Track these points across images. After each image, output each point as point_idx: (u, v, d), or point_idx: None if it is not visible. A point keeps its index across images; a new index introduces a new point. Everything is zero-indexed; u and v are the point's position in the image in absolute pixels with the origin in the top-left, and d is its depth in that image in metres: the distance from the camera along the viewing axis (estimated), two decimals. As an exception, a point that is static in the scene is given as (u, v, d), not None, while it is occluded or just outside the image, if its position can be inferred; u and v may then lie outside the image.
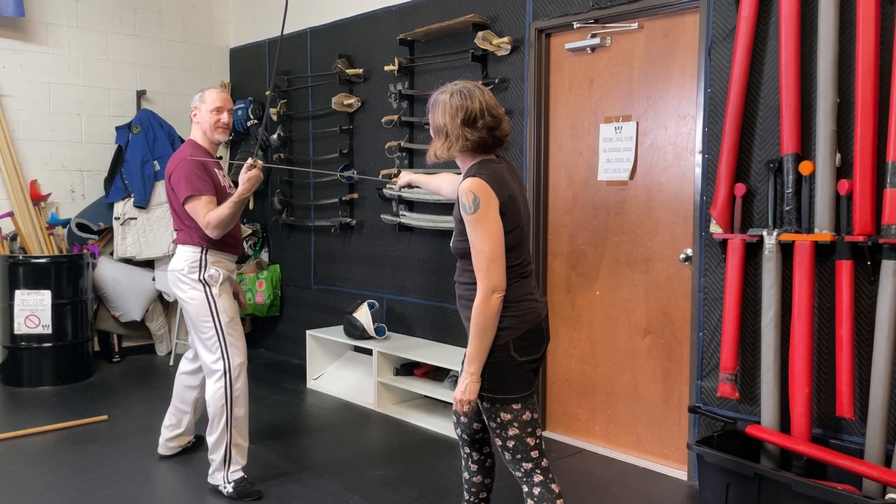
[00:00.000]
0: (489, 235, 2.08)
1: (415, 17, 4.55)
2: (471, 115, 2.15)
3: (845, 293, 2.72)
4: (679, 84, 3.39)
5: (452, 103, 2.17)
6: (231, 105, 3.30)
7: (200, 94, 3.28)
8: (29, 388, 4.83)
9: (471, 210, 2.08)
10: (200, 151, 3.20)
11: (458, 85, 2.21)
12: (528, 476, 2.21)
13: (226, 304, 3.18)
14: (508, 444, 2.19)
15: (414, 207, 4.63)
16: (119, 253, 5.42)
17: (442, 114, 2.18)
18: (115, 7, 5.68)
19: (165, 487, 3.25)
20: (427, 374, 4.43)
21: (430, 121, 2.25)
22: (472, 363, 2.12)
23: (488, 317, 2.09)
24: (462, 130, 2.15)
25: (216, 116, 3.21)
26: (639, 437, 3.62)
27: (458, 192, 2.12)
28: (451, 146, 2.18)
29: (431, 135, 2.28)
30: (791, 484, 2.53)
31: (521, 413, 2.17)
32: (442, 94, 2.22)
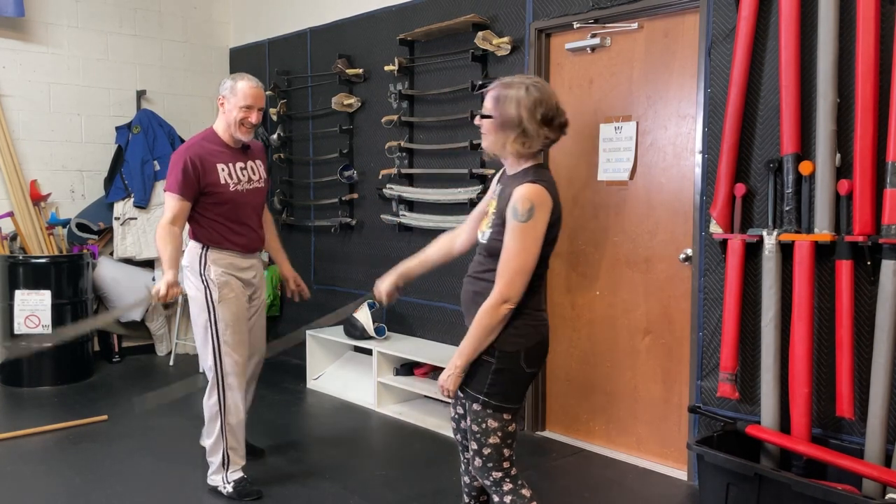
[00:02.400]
0: (528, 248, 2.03)
1: (415, 17, 4.55)
2: (549, 112, 2.06)
3: (845, 293, 2.72)
4: (679, 84, 3.39)
5: (530, 97, 2.05)
6: (262, 102, 3.08)
7: (232, 83, 3.04)
8: (29, 388, 4.83)
9: (522, 218, 2.01)
10: (214, 142, 3.07)
11: (527, 79, 2.09)
12: (498, 485, 2.17)
13: (226, 312, 3.04)
14: (484, 452, 2.15)
15: (414, 207, 4.63)
16: (119, 253, 5.42)
17: (517, 107, 2.04)
18: (115, 7, 5.68)
19: (165, 487, 3.25)
20: (427, 374, 4.43)
21: (493, 113, 2.09)
22: (461, 357, 2.10)
23: (493, 322, 2.06)
24: (541, 129, 2.06)
25: (244, 114, 3.02)
26: (639, 437, 3.62)
27: (513, 194, 2.04)
28: (529, 144, 2.07)
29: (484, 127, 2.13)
30: (791, 484, 2.53)
31: (508, 424, 2.15)
32: (513, 87, 2.07)
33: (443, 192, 4.36)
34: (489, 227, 2.15)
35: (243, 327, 3.13)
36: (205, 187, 3.01)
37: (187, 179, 2.97)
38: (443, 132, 4.43)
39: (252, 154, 3.21)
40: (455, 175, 4.33)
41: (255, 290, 3.25)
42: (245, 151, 3.16)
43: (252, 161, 3.18)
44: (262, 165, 3.24)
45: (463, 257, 4.27)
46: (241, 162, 3.12)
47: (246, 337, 3.15)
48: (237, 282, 3.12)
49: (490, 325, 2.06)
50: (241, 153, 3.13)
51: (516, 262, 2.03)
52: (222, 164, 3.05)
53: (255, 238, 3.19)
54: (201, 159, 3.00)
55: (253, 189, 3.14)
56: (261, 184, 3.18)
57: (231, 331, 3.06)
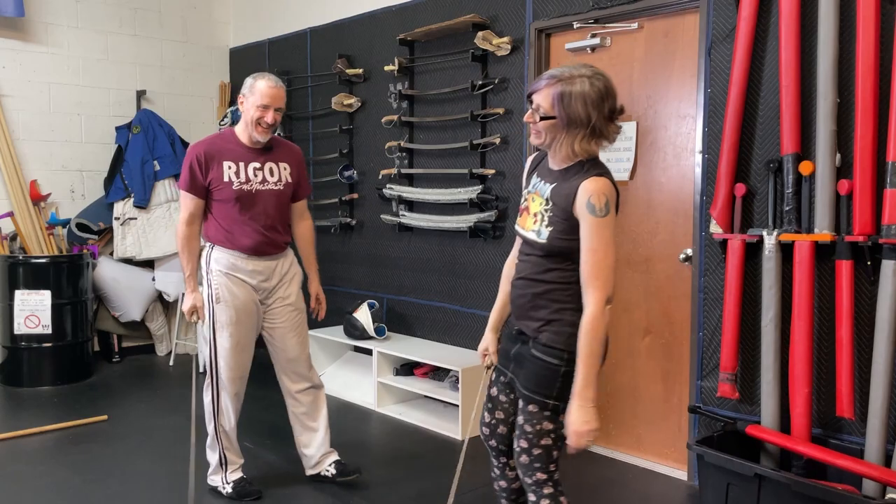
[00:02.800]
0: (611, 242, 1.92)
1: (415, 17, 4.55)
2: (612, 106, 1.95)
3: (845, 293, 2.72)
4: (679, 84, 3.39)
5: (595, 90, 1.92)
6: (281, 103, 2.96)
7: (252, 81, 2.96)
8: (29, 388, 4.83)
9: (601, 213, 1.91)
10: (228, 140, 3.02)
11: (585, 69, 1.94)
12: (539, 486, 2.10)
13: (222, 314, 2.99)
14: (534, 452, 2.06)
15: (414, 207, 4.63)
16: (119, 253, 5.42)
17: (584, 105, 1.90)
18: (115, 7, 5.68)
19: (165, 487, 3.24)
20: (427, 374, 4.43)
21: (555, 113, 1.94)
22: (589, 387, 1.92)
23: (604, 329, 1.93)
24: (609, 124, 1.95)
25: (260, 113, 2.92)
26: (639, 437, 3.62)
27: (581, 189, 1.93)
28: (600, 143, 1.98)
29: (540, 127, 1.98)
30: (791, 484, 2.53)
31: (563, 427, 2.05)
32: (574, 82, 1.92)
33: (443, 192, 4.36)
34: (546, 226, 2.02)
35: (242, 332, 3.03)
36: (209, 183, 2.97)
37: (193, 175, 2.96)
38: (443, 132, 4.43)
39: (276, 156, 3.08)
40: (455, 175, 4.33)
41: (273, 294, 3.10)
42: (267, 152, 3.05)
43: (274, 163, 3.06)
44: (290, 169, 3.10)
45: (463, 257, 4.26)
46: (257, 162, 3.02)
47: (246, 342, 3.05)
48: (241, 284, 3.02)
49: (602, 335, 1.94)
50: (258, 153, 3.03)
51: (606, 259, 1.92)
52: (230, 162, 2.98)
53: (266, 241, 3.03)
54: (207, 155, 2.97)
55: (268, 191, 3.02)
56: (279, 186, 3.04)
57: (227, 333, 3.00)
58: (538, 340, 2.04)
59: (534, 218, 2.06)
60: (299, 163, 3.17)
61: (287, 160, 3.11)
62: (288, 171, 3.09)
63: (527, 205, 2.12)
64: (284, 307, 3.13)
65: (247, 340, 3.07)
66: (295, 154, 3.18)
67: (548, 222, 2.01)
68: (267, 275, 3.06)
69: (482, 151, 4.18)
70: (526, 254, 2.12)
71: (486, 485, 3.32)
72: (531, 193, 2.12)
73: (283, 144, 3.17)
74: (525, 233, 2.09)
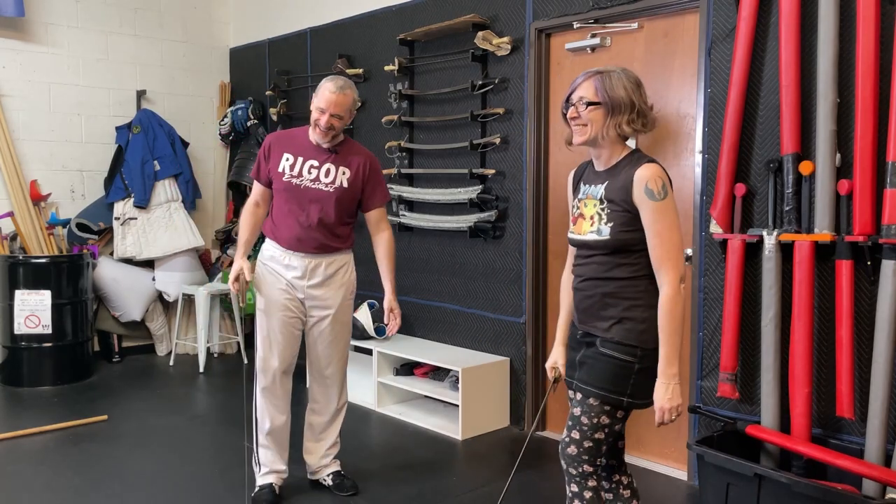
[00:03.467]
0: (676, 224, 1.97)
1: (415, 17, 4.55)
2: (643, 97, 2.03)
3: (845, 293, 2.71)
4: (679, 84, 3.39)
5: (631, 76, 2.01)
6: (342, 110, 2.90)
7: (322, 82, 2.95)
8: (29, 388, 4.83)
9: (660, 196, 1.95)
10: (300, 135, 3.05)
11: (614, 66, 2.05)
12: (584, 478, 2.10)
13: (260, 302, 3.01)
14: (585, 444, 2.07)
15: (414, 207, 4.63)
16: (119, 253, 5.42)
17: (623, 88, 1.99)
18: (115, 7, 5.68)
19: (165, 487, 3.24)
20: (427, 374, 4.43)
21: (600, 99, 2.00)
22: (672, 365, 1.97)
23: (681, 309, 1.97)
24: (648, 109, 2.02)
25: (316, 116, 2.92)
26: (639, 437, 3.62)
27: (636, 178, 1.97)
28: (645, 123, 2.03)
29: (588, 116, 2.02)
30: (791, 484, 2.53)
31: (618, 423, 2.07)
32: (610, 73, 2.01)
33: (443, 192, 4.36)
34: (606, 223, 2.04)
35: (272, 324, 3.00)
36: (269, 171, 3.03)
37: (259, 162, 3.05)
38: (443, 132, 4.43)
39: (340, 159, 3.00)
40: (455, 175, 4.33)
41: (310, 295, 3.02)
42: (332, 153, 3.00)
43: (335, 165, 2.99)
44: (349, 174, 2.99)
45: (463, 257, 4.26)
46: (317, 160, 2.98)
47: (274, 336, 3.00)
48: (275, 276, 3.01)
49: (680, 314, 1.97)
50: (322, 153, 2.98)
51: (674, 241, 1.96)
52: (289, 154, 2.99)
53: (306, 238, 2.96)
54: (274, 144, 3.03)
55: (317, 190, 2.96)
56: (330, 189, 2.96)
57: (260, 323, 3.02)
58: (609, 339, 2.04)
59: (590, 221, 2.08)
60: (366, 170, 3.05)
61: (350, 165, 3.01)
62: (347, 176, 2.99)
63: (580, 211, 2.14)
64: (320, 312, 3.05)
65: (276, 335, 3.01)
66: (362, 161, 3.06)
67: (607, 219, 2.04)
68: (303, 271, 2.99)
69: (482, 151, 4.18)
70: (587, 256, 2.12)
71: (487, 485, 3.33)
72: (582, 200, 2.14)
73: (355, 150, 3.08)
74: (583, 237, 2.10)
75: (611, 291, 2.06)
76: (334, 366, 3.14)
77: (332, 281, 3.05)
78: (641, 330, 2.02)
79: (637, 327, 2.03)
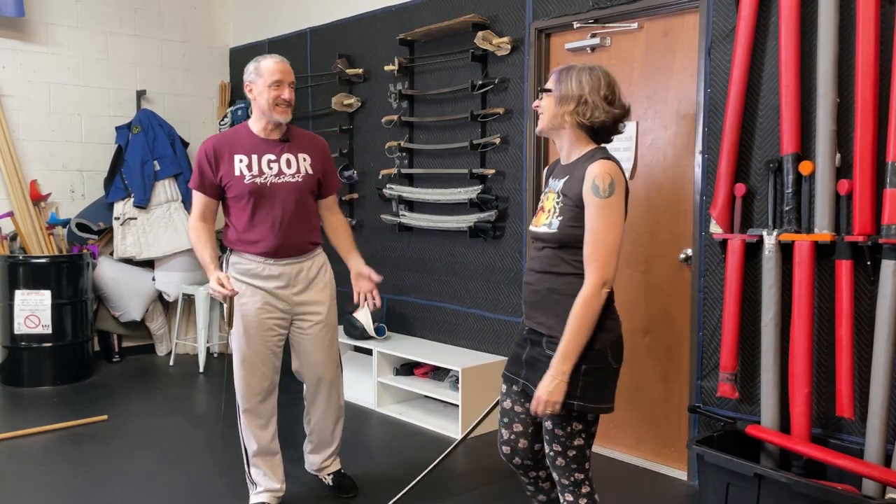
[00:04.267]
0: (616, 224, 1.95)
1: (415, 17, 4.55)
2: (611, 94, 2.04)
3: (845, 293, 2.71)
4: (679, 84, 3.39)
5: (594, 76, 2.04)
6: (293, 76, 2.76)
7: (255, 65, 2.77)
8: (29, 388, 4.83)
9: (605, 194, 1.94)
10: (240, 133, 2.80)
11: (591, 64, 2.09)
12: (577, 486, 2.08)
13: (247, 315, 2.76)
14: (569, 454, 2.06)
15: (414, 207, 4.63)
16: (119, 253, 5.42)
17: (578, 84, 2.02)
18: (115, 7, 5.68)
19: (165, 488, 3.25)
20: (427, 374, 4.43)
21: (553, 88, 2.07)
22: (566, 361, 1.95)
23: (595, 312, 1.95)
24: (603, 103, 2.02)
25: (275, 92, 2.69)
26: (639, 437, 3.62)
27: (587, 173, 1.97)
28: (588, 115, 2.02)
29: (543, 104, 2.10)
30: (791, 484, 2.53)
31: (593, 425, 2.07)
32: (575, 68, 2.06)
33: (443, 192, 4.36)
34: (557, 216, 2.05)
35: (252, 347, 2.79)
36: (220, 179, 2.75)
37: (202, 172, 2.76)
38: (443, 132, 4.43)
39: (295, 147, 2.81)
40: (455, 175, 4.33)
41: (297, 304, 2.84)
42: (283, 143, 2.79)
43: (292, 154, 2.79)
44: (310, 160, 2.82)
45: (463, 257, 4.27)
46: (272, 154, 2.76)
47: (255, 359, 2.81)
48: (255, 293, 2.77)
49: (593, 316, 1.95)
50: (275, 145, 2.77)
51: (608, 241, 1.94)
52: (241, 155, 2.74)
53: (285, 242, 2.75)
54: (217, 150, 2.75)
55: (284, 184, 2.74)
56: (298, 178, 2.76)
57: (236, 347, 2.79)
58: (554, 339, 2.02)
59: (547, 214, 2.10)
60: (323, 154, 2.89)
61: (307, 151, 2.83)
62: (308, 163, 2.82)
63: (542, 204, 2.15)
64: (310, 319, 2.89)
65: (257, 357, 2.81)
66: (317, 144, 2.89)
67: (559, 213, 2.05)
68: (287, 280, 2.80)
69: (482, 151, 4.18)
70: (539, 249, 2.13)
71: (486, 485, 3.32)
72: (545, 193, 2.16)
73: (303, 135, 2.90)
74: (537, 229, 2.11)
75: (556, 287, 2.05)
76: (331, 370, 3.01)
77: (316, 283, 2.89)
78: None
79: None
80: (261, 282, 2.75)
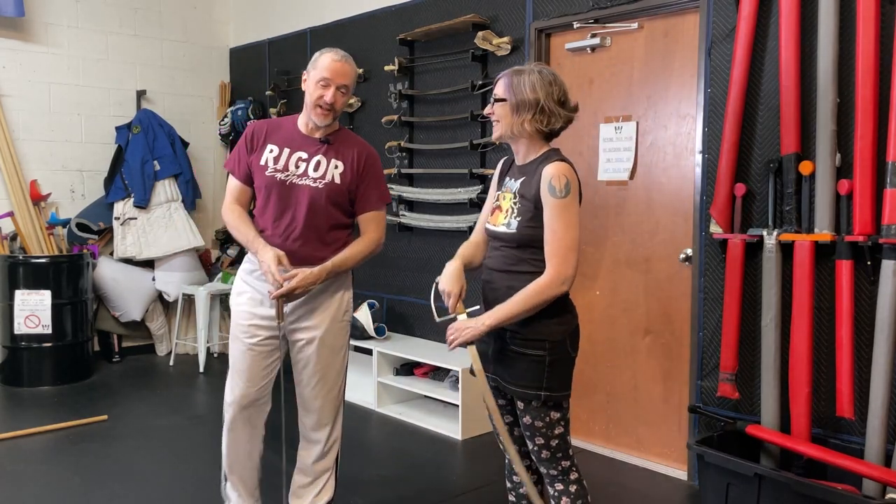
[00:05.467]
0: (573, 223, 2.01)
1: (415, 17, 4.55)
2: (563, 96, 2.07)
3: (845, 293, 2.72)
4: (679, 84, 3.39)
5: (545, 80, 2.04)
6: (348, 79, 2.44)
7: (317, 55, 2.46)
8: (29, 388, 4.83)
9: (561, 194, 1.99)
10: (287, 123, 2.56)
11: (537, 65, 2.10)
12: (565, 474, 2.14)
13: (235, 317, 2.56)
14: (552, 444, 2.11)
15: (414, 207, 4.63)
16: (119, 253, 5.42)
17: (532, 88, 2.03)
18: (115, 7, 5.68)
19: (165, 487, 3.24)
20: (427, 374, 4.43)
21: (507, 96, 2.07)
22: (493, 319, 2.01)
23: (544, 301, 2.00)
24: (557, 107, 2.05)
25: (320, 91, 2.41)
26: (639, 437, 3.62)
27: (543, 174, 2.02)
28: (548, 122, 2.05)
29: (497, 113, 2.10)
30: (791, 484, 2.53)
31: (567, 412, 2.13)
32: (524, 72, 2.06)
33: (443, 192, 4.36)
34: (515, 217, 2.09)
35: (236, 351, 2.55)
36: (251, 163, 2.52)
37: (239, 151, 2.54)
38: (443, 132, 4.43)
39: (333, 151, 2.50)
40: (455, 175, 4.33)
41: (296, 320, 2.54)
42: (325, 145, 2.51)
43: (327, 157, 2.48)
44: (343, 168, 2.49)
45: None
46: (307, 152, 2.48)
47: (240, 365, 2.55)
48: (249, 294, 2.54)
49: (539, 303, 2.00)
50: (313, 144, 2.49)
51: (566, 239, 2.00)
52: (274, 145, 2.49)
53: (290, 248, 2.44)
54: (257, 133, 2.52)
55: (303, 186, 2.45)
56: (318, 184, 2.45)
57: (230, 348, 2.60)
58: (518, 335, 2.08)
59: (505, 213, 2.14)
60: (362, 165, 2.52)
61: (344, 158, 2.50)
62: (339, 171, 2.48)
63: (499, 203, 2.20)
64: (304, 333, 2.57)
65: (242, 364, 2.54)
66: (359, 154, 2.53)
67: (517, 213, 2.10)
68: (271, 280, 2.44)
69: (482, 151, 4.18)
70: (496, 248, 2.17)
71: (486, 485, 3.32)
72: (501, 193, 2.20)
73: (351, 142, 2.56)
74: (496, 228, 2.16)
75: (515, 285, 2.07)
76: (322, 399, 2.65)
77: (320, 298, 2.54)
78: (548, 323, 2.06)
79: (543, 321, 2.06)
80: (260, 284, 2.50)
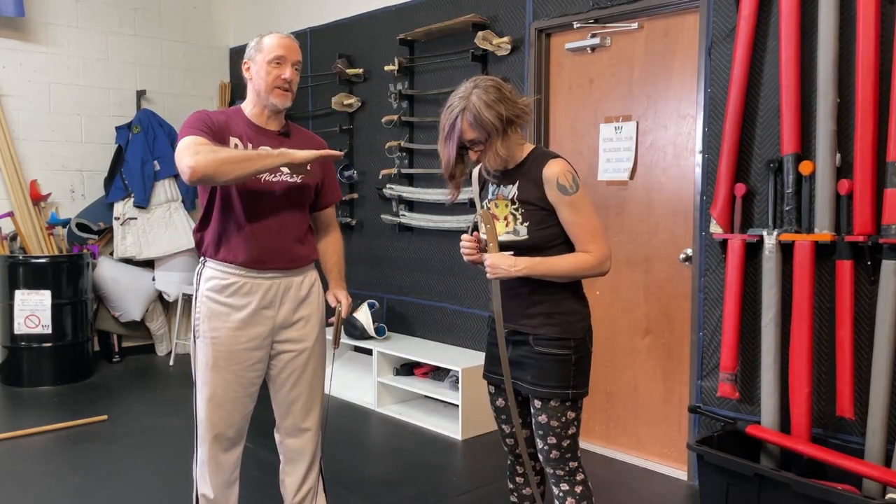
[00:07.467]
0: (592, 210, 2.05)
1: (415, 17, 4.55)
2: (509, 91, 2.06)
3: (845, 293, 2.71)
4: (679, 84, 3.39)
5: (490, 91, 2.02)
6: (298, 56, 2.29)
7: (257, 40, 2.28)
8: (29, 388, 4.83)
9: (573, 190, 2.02)
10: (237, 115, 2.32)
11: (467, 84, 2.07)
12: (572, 474, 2.13)
13: (200, 354, 2.29)
14: (563, 444, 2.10)
15: (414, 207, 4.63)
16: (119, 253, 5.42)
17: (488, 109, 1.99)
18: (115, 7, 5.68)
19: (165, 487, 3.24)
20: (427, 374, 4.43)
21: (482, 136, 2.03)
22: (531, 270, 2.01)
23: (585, 275, 2.03)
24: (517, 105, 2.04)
25: (276, 71, 2.23)
26: (639, 437, 3.62)
27: (546, 177, 2.02)
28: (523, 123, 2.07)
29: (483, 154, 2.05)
30: (791, 484, 2.53)
31: (581, 411, 2.13)
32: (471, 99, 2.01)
33: (443, 192, 4.36)
34: (521, 223, 2.07)
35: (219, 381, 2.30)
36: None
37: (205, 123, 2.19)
38: (443, 132, 4.43)
39: (295, 144, 2.30)
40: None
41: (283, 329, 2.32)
42: (283, 138, 2.33)
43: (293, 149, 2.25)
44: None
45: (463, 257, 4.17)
46: (270, 145, 2.25)
47: (224, 395, 2.32)
48: (229, 314, 2.26)
49: (579, 275, 2.03)
50: (272, 137, 2.31)
51: (594, 225, 2.04)
52: (237, 139, 2.24)
53: (272, 251, 2.25)
54: (216, 121, 2.23)
55: (280, 182, 2.25)
56: (296, 178, 2.28)
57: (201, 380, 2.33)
58: (541, 336, 2.07)
59: (505, 221, 2.13)
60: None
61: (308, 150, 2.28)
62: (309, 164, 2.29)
63: (493, 212, 2.17)
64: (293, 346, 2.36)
65: (226, 394, 2.31)
66: (318, 146, 2.36)
67: (522, 219, 2.08)
68: (272, 298, 2.28)
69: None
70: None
71: (486, 485, 3.32)
72: (492, 201, 2.18)
73: (304, 134, 2.44)
74: (501, 238, 2.13)
75: (535, 288, 2.08)
76: (314, 414, 2.43)
77: (306, 304, 2.36)
78: (571, 322, 2.08)
79: (566, 320, 2.07)
80: (240, 299, 2.25)
